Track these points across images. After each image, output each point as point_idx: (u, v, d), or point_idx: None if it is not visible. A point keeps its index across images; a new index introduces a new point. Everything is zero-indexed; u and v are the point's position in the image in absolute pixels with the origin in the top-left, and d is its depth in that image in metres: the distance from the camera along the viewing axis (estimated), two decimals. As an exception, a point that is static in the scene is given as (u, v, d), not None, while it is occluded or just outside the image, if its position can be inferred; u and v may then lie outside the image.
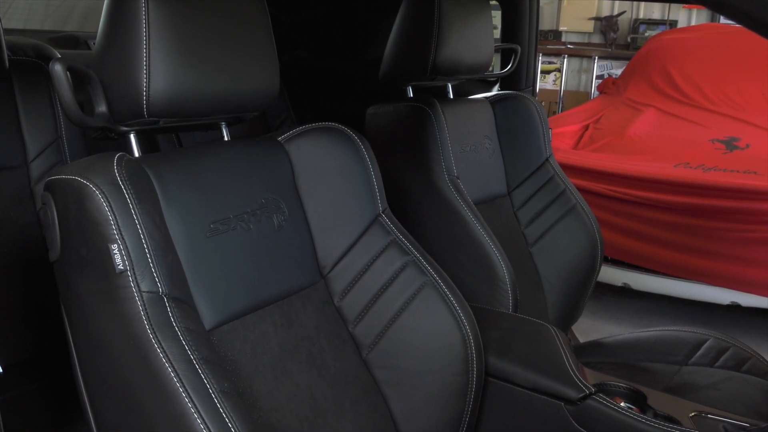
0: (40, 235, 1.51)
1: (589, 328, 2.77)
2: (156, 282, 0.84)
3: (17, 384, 1.40)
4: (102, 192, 0.83)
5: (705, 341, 1.60)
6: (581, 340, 1.93)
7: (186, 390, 0.79)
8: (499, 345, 1.29)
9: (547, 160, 1.80)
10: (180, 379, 0.80)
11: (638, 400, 1.24)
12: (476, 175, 1.69)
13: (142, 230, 0.84)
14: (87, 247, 0.83)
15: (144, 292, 0.83)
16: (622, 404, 1.17)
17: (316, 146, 1.13)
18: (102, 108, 0.91)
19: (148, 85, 0.88)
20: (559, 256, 1.76)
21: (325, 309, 1.13)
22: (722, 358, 1.53)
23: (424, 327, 1.14)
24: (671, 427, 1.09)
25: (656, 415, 1.16)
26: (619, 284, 2.99)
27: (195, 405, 0.79)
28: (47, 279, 0.94)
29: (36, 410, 1.30)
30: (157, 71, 0.89)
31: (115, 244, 0.82)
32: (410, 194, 1.54)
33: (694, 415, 1.18)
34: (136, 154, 0.97)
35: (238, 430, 0.80)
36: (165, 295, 0.84)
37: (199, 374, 0.81)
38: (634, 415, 1.13)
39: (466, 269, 1.49)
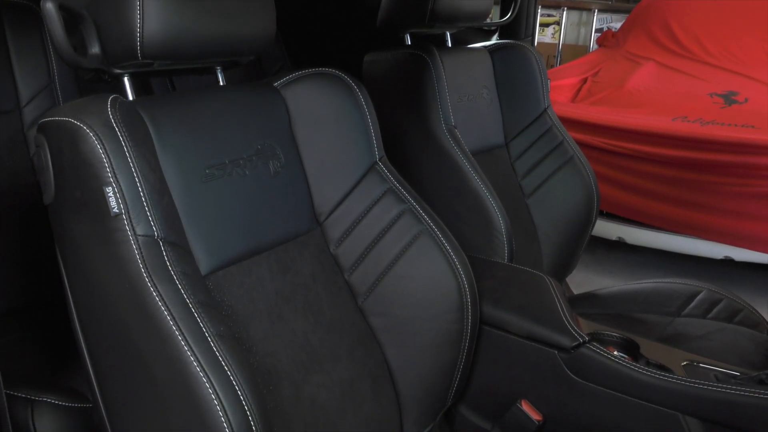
0: (35, 182, 1.50)
1: (583, 281, 2.79)
2: (151, 225, 0.83)
3: (13, 330, 1.41)
4: (96, 134, 0.81)
5: (698, 293, 1.61)
6: (575, 292, 1.94)
7: (182, 333, 0.79)
8: (494, 294, 1.29)
9: (545, 110, 1.78)
10: (176, 322, 0.80)
11: (631, 350, 1.25)
12: (474, 125, 1.68)
13: (136, 173, 0.83)
14: (81, 190, 0.82)
15: (139, 235, 0.82)
16: (615, 353, 1.18)
17: (313, 92, 1.11)
18: (95, 49, 0.89)
19: (142, 25, 0.86)
20: (555, 207, 1.76)
21: (321, 256, 1.13)
22: (715, 310, 1.54)
23: (419, 275, 1.14)
24: (663, 375, 1.11)
25: (648, 364, 1.17)
26: (614, 238, 3.00)
27: (191, 347, 0.79)
28: (42, 226, 0.93)
29: (33, 355, 1.31)
30: (151, 12, 0.86)
31: (110, 187, 0.81)
32: (407, 143, 1.53)
33: (686, 364, 1.19)
34: (130, 98, 0.95)
35: (234, 373, 0.80)
36: (160, 239, 0.84)
37: (195, 317, 0.81)
38: (627, 363, 1.14)
39: (463, 219, 1.49)
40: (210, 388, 0.78)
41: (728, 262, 2.78)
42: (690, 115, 2.92)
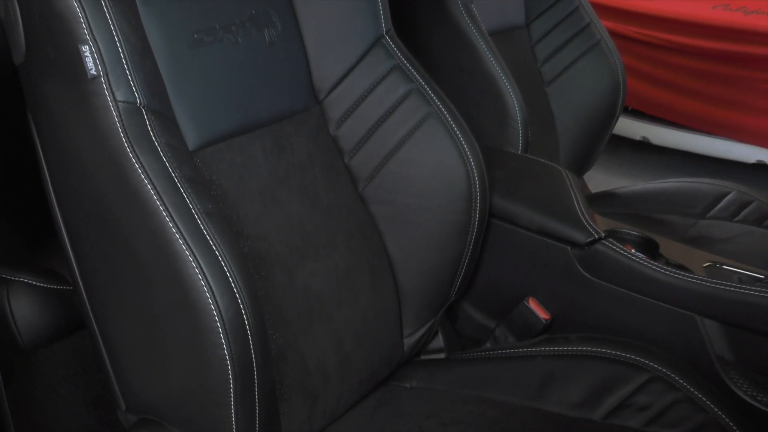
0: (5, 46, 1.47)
1: (602, 183, 2.78)
2: (133, 91, 0.81)
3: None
4: None
5: (726, 194, 1.60)
6: (593, 191, 1.94)
7: (166, 208, 0.79)
8: (505, 185, 1.29)
9: (572, -13, 1.73)
10: (160, 197, 0.79)
11: (650, 249, 1.25)
12: (492, 1, 1.62)
13: (116, 31, 0.80)
14: (55, 47, 0.80)
15: (120, 101, 0.80)
16: (632, 251, 1.18)
17: (314, -49, 1.07)
18: None
19: None
20: (576, 96, 1.73)
21: (319, 137, 1.12)
22: (743, 213, 1.54)
23: (425, 161, 1.13)
24: (682, 275, 1.11)
25: (668, 264, 1.17)
26: (638, 138, 2.97)
27: (176, 224, 0.79)
28: (14, 92, 0.91)
29: (8, 235, 1.31)
30: None
31: (86, 45, 0.79)
32: (418, 18, 1.49)
33: (708, 265, 1.20)
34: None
35: (222, 253, 0.81)
36: (143, 107, 0.82)
37: (181, 192, 0.81)
38: (644, 261, 1.15)
39: (475, 104, 1.47)
40: (196, 267, 0.79)
41: (761, 167, 2.76)
42: (732, 3, 2.82)
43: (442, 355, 1.29)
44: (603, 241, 1.19)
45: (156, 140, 0.82)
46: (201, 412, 0.86)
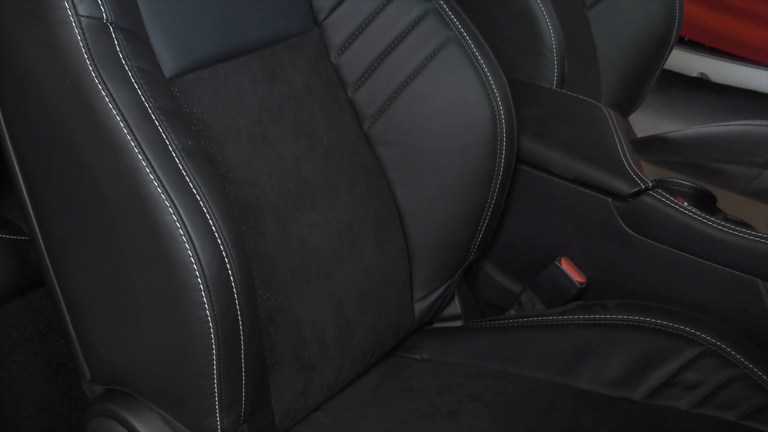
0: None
1: (650, 127, 2.76)
2: (98, 4, 0.81)
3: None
4: None
5: (797, 140, 1.59)
6: (639, 135, 1.93)
7: (138, 144, 0.79)
8: (536, 125, 1.28)
9: None
10: (131, 130, 0.79)
11: (705, 202, 1.25)
12: None
13: None
14: None
15: (83, 16, 0.80)
16: (684, 204, 1.18)
17: None
18: None
19: None
20: (623, 23, 1.72)
21: (318, 65, 1.11)
22: (818, 160, 1.53)
23: (443, 95, 1.13)
24: (744, 232, 1.11)
25: (726, 220, 1.17)
26: (695, 74, 2.95)
27: (150, 162, 0.79)
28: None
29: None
30: None
31: None
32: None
33: (774, 222, 1.20)
34: None
35: (204, 198, 0.81)
36: (110, 23, 0.82)
37: (155, 125, 0.81)
38: (699, 215, 1.15)
39: (503, 30, 1.46)
40: (174, 214, 0.79)
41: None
42: None
43: (458, 323, 1.30)
44: (650, 192, 1.19)
45: (126, 64, 0.82)
46: (178, 382, 0.87)
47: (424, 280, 1.20)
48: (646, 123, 2.70)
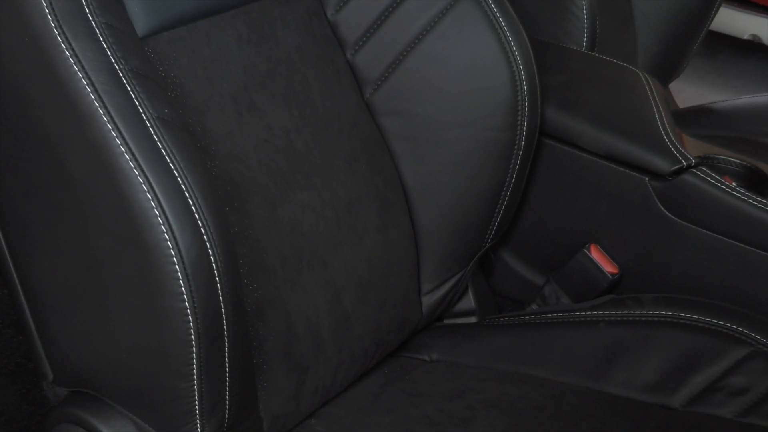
0: None
1: (693, 97, 2.77)
2: (59, -48, 0.81)
3: None
4: None
5: None
6: (681, 107, 1.93)
7: (107, 111, 0.79)
8: (563, 93, 1.28)
9: None
10: (99, 96, 0.79)
11: (756, 182, 1.25)
12: None
13: None
14: None
15: (43, -35, 0.80)
16: (732, 184, 1.18)
17: None
18: None
19: None
20: (664, -24, 1.72)
21: (313, 23, 1.12)
22: None
23: (456, 58, 1.13)
24: (798, 216, 1.12)
25: (780, 202, 1.18)
26: (745, 36, 2.94)
27: (120, 132, 0.79)
28: None
29: None
30: None
31: None
32: None
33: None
34: None
35: (183, 174, 0.81)
36: (75, -27, 0.82)
37: (127, 90, 0.81)
38: (748, 196, 1.15)
39: (525, -17, 1.46)
40: (149, 192, 0.79)
41: None
42: None
43: (472, 320, 1.31)
44: (693, 170, 1.19)
45: (93, 19, 0.82)
46: (153, 383, 0.88)
47: (433, 269, 1.20)
48: (689, 92, 2.70)
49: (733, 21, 2.92)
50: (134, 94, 0.81)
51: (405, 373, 1.18)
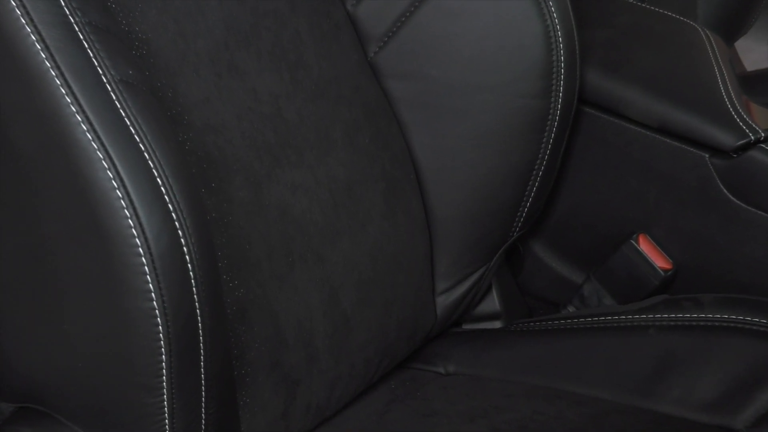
0: None
1: (763, 58, 2.76)
2: None
3: None
4: None
5: None
6: (748, 69, 1.93)
7: (61, 73, 0.79)
8: (607, 52, 1.28)
9: None
10: (50, 53, 0.79)
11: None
12: None
13: None
14: None
15: None
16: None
17: None
18: None
19: None
20: None
21: (306, -33, 1.12)
22: None
23: (479, 11, 1.14)
24: None
25: None
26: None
27: (75, 96, 0.79)
28: None
29: None
30: None
31: None
32: None
33: None
34: None
35: (149, 146, 0.81)
36: None
37: (83, 47, 0.81)
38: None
39: None
40: (109, 169, 0.79)
41: None
42: None
43: (497, 325, 1.31)
44: (762, 146, 1.19)
45: (43, -38, 0.82)
46: (115, 399, 0.88)
47: (450, 264, 1.21)
48: (758, 52, 2.69)
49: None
50: (92, 53, 0.81)
51: (416, 389, 1.18)
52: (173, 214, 0.82)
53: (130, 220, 0.80)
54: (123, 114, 0.81)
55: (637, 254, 1.26)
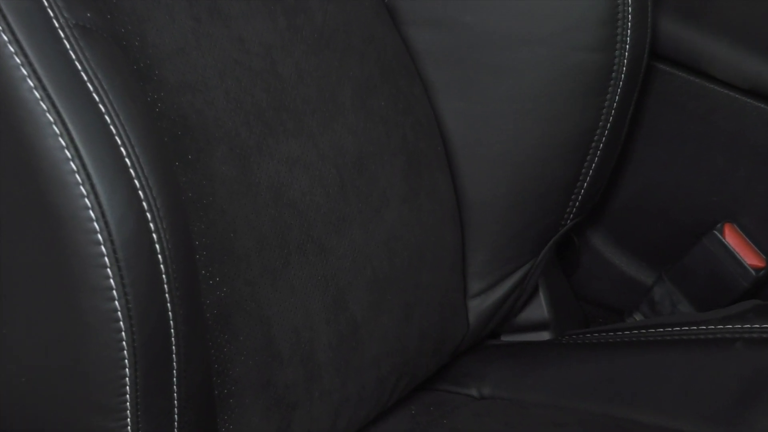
0: None
1: None
2: None
3: None
4: None
5: None
6: None
7: (2, 14, 0.80)
8: (684, -4, 1.29)
9: None
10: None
11: None
12: None
13: None
14: None
15: None
16: None
17: None
18: None
19: None
20: None
21: None
22: None
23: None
24: None
25: None
26: None
27: (19, 45, 0.79)
28: None
29: None
30: None
31: None
32: None
33: None
34: None
35: (111, 107, 0.81)
36: None
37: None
38: None
39: None
40: (61, 136, 0.80)
41: None
42: None
43: (545, 336, 1.32)
44: None
45: None
46: (67, 422, 0.89)
47: (486, 260, 1.21)
48: None
49: None
50: (40, -9, 0.82)
51: (443, 415, 1.18)
52: (140, 193, 0.82)
53: (86, 200, 0.80)
54: (79, 67, 0.81)
55: (721, 248, 1.26)
